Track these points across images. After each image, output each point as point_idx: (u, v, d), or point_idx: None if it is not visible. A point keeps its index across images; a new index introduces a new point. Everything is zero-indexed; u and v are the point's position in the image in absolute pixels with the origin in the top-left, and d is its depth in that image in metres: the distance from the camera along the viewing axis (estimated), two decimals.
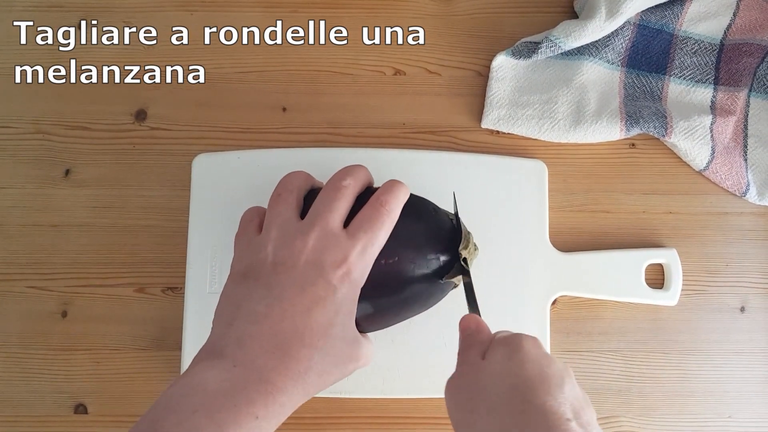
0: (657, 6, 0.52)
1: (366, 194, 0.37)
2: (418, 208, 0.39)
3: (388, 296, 0.37)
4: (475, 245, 0.41)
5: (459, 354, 0.35)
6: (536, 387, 0.30)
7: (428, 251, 0.38)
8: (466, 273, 0.39)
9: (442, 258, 0.38)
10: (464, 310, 0.38)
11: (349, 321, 0.35)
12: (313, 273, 0.34)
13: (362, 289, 0.35)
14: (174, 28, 0.53)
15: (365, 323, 0.38)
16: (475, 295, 0.38)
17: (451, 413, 0.33)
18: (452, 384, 0.33)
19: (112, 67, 0.52)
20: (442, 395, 0.34)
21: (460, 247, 0.39)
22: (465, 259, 0.39)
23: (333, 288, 0.33)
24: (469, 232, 0.41)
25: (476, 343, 0.34)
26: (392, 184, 0.37)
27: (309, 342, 0.33)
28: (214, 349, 0.33)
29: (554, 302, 0.49)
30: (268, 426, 0.32)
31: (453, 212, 0.42)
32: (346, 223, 0.36)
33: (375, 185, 0.40)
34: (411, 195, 0.39)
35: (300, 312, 0.33)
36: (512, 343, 0.33)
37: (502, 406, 0.30)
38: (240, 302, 0.34)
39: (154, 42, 0.52)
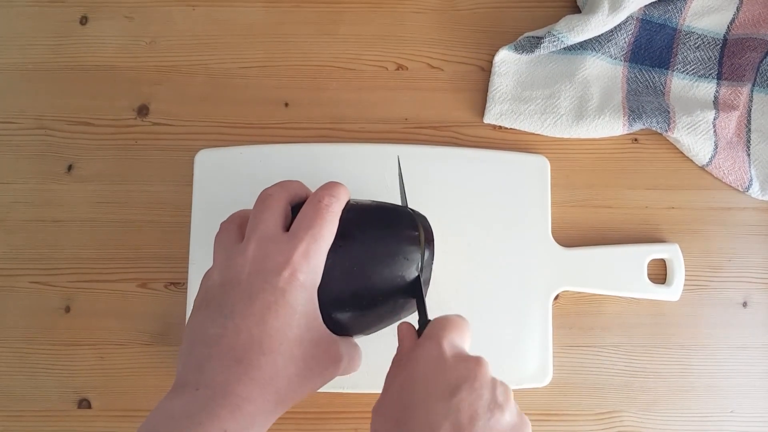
0: (660, 1, 0.52)
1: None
2: (379, 212, 0.39)
3: (364, 297, 0.36)
4: (428, 233, 0.39)
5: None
6: (414, 418, 0.29)
7: (396, 247, 0.37)
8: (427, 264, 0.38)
9: (412, 253, 0.37)
10: (467, 305, 0.38)
11: (313, 321, 0.34)
12: (259, 281, 0.33)
13: (336, 293, 0.35)
14: (176, 23, 0.52)
15: (349, 326, 0.37)
16: (423, 291, 0.37)
17: None
18: (372, 415, 0.33)
19: (114, 63, 0.52)
20: None
21: (422, 242, 0.38)
22: (425, 253, 0.38)
23: (281, 291, 0.33)
24: (425, 227, 0.39)
25: (394, 365, 0.34)
26: (331, 184, 0.36)
27: (268, 348, 0.32)
28: (178, 382, 0.33)
29: (557, 297, 0.49)
30: None
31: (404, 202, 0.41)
32: None
33: (375, 181, 0.39)
34: (371, 201, 0.38)
35: (254, 322, 0.32)
36: (403, 364, 0.32)
37: None
38: (196, 331, 0.34)
39: (156, 37, 0.52)
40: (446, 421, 0.29)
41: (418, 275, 0.37)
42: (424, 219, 0.39)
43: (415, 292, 0.37)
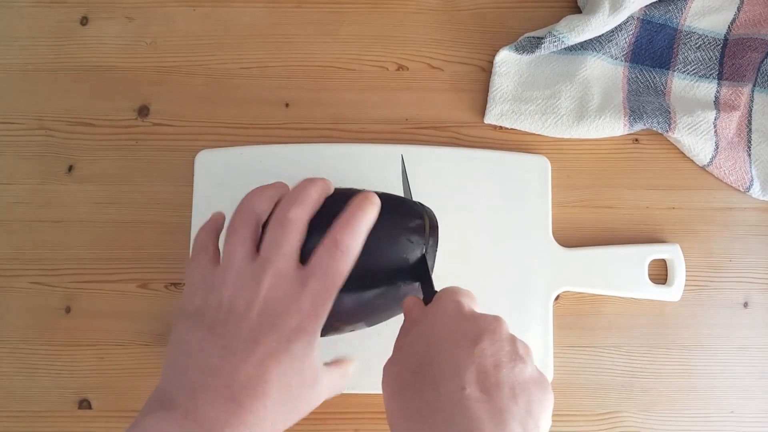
0: (660, 1, 0.52)
1: (333, 202, 0.35)
2: (385, 198, 0.38)
3: (367, 278, 0.36)
4: (432, 222, 0.40)
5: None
6: (438, 362, 0.30)
7: (401, 230, 0.37)
8: (427, 254, 0.38)
9: (416, 237, 0.38)
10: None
11: (308, 367, 0.34)
12: (267, 324, 0.33)
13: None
14: (176, 24, 0.52)
15: (353, 312, 0.37)
16: (429, 270, 0.37)
17: (384, 401, 0.32)
18: (384, 370, 0.33)
19: (114, 63, 0.52)
20: None
21: (427, 231, 0.38)
22: (428, 241, 0.38)
23: (287, 341, 0.33)
24: (430, 215, 0.40)
25: (403, 330, 0.34)
26: (354, 214, 0.34)
27: (263, 393, 0.32)
28: (165, 398, 0.32)
29: (557, 298, 0.49)
30: None
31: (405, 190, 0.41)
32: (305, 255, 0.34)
33: (376, 181, 0.40)
34: (379, 193, 0.38)
35: (254, 364, 0.32)
36: (418, 322, 0.33)
37: (407, 391, 0.30)
38: (192, 351, 0.33)
39: (156, 37, 0.52)
40: (472, 365, 0.29)
41: (423, 255, 0.37)
42: (429, 210, 0.40)
43: (419, 273, 0.37)
